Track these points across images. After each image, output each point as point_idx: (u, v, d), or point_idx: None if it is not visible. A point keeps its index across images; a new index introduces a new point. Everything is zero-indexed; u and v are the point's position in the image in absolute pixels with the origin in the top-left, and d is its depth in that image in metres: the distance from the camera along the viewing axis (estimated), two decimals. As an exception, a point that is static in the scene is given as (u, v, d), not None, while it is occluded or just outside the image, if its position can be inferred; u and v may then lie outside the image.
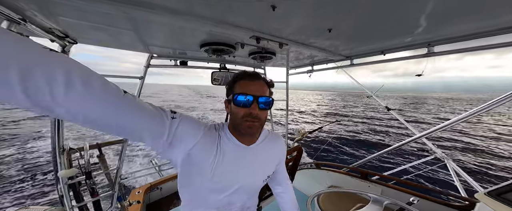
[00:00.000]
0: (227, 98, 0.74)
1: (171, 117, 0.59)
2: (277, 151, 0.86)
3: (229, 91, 0.72)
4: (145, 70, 1.86)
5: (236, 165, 0.71)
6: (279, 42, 1.35)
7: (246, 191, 0.77)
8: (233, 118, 0.70)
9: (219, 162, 0.67)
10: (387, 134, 13.74)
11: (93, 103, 0.42)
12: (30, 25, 0.94)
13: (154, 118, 0.54)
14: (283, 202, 0.95)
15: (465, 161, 8.57)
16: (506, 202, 1.02)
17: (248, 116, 0.65)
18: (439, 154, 2.66)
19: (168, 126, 0.57)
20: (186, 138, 0.61)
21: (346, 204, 1.56)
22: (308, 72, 2.79)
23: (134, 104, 0.49)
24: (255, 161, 0.76)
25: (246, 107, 0.65)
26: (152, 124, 0.54)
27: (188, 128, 0.62)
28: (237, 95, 0.66)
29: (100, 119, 0.44)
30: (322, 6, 0.87)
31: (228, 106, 0.73)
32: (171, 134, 0.57)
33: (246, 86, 0.68)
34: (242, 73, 0.72)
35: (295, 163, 1.67)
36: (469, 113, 1.81)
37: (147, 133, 0.54)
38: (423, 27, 1.13)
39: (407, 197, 1.18)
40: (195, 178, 0.68)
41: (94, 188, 1.64)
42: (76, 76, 0.39)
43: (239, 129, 0.68)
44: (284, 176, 0.97)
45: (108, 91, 0.44)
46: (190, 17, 0.95)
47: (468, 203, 1.49)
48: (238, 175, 0.72)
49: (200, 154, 0.65)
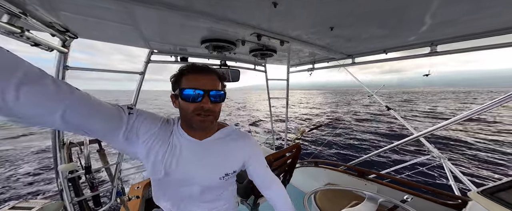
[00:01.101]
0: (173, 93, 0.70)
1: (128, 112, 0.60)
2: (239, 149, 0.80)
3: (175, 85, 0.68)
4: (146, 66, 1.86)
5: (187, 159, 0.70)
6: (280, 40, 1.35)
7: (202, 186, 0.75)
8: (183, 113, 0.68)
9: (170, 155, 0.68)
10: (386, 134, 13.85)
11: (45, 103, 0.42)
12: (30, 19, 0.93)
13: (110, 113, 0.55)
14: (275, 202, 0.88)
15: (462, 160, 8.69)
16: (497, 200, 1.04)
17: (199, 110, 0.64)
18: (436, 153, 2.69)
19: (125, 121, 0.58)
20: (141, 131, 0.63)
21: (342, 202, 1.59)
22: (309, 70, 2.79)
23: (88, 102, 0.50)
24: (208, 156, 0.73)
25: (195, 102, 0.63)
26: (109, 120, 0.55)
27: (144, 122, 0.63)
28: (184, 90, 0.63)
29: (54, 119, 0.44)
30: (324, 3, 0.86)
31: (175, 100, 0.70)
32: (127, 128, 0.59)
33: (195, 80, 0.65)
34: (190, 66, 0.68)
35: (294, 160, 1.69)
36: (468, 113, 1.82)
37: (105, 128, 0.54)
38: (427, 26, 1.13)
39: (402, 195, 1.21)
40: (153, 171, 0.68)
41: (94, 182, 1.66)
42: (26, 78, 0.38)
43: (191, 123, 0.67)
44: (268, 177, 0.88)
45: (60, 89, 0.44)
46: (191, 13, 0.94)
47: (460, 202, 1.52)
48: (190, 169, 0.71)
49: (154, 147, 0.66)
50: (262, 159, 0.88)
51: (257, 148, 0.86)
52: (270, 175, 0.90)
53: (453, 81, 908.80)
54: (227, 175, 0.76)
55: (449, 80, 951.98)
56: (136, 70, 1.82)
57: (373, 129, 14.98)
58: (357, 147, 10.60)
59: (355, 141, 11.70)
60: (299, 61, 2.59)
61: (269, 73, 3.01)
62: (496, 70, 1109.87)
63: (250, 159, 0.82)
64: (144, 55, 1.82)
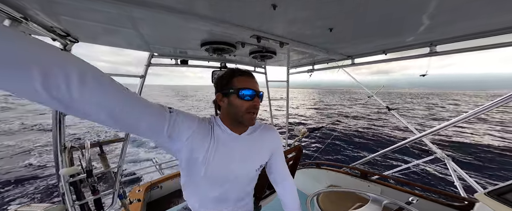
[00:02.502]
0: (222, 92, 0.76)
1: (169, 111, 0.64)
2: (269, 141, 0.89)
3: (226, 86, 0.75)
4: (146, 69, 1.87)
5: (229, 152, 0.76)
6: (280, 42, 1.35)
7: (242, 179, 0.81)
8: (233, 111, 0.74)
9: (213, 148, 0.73)
10: (387, 135, 13.73)
11: (105, 99, 0.45)
12: (31, 24, 0.94)
13: (155, 112, 0.58)
14: (285, 200, 0.94)
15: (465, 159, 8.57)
16: (506, 202, 1.02)
17: (252, 108, 0.73)
18: (440, 154, 2.66)
19: (167, 119, 0.62)
20: (183, 129, 0.66)
21: (346, 204, 1.57)
22: (309, 72, 2.78)
23: (137, 101, 0.53)
24: (247, 149, 0.80)
25: (250, 101, 0.72)
26: (155, 119, 0.58)
27: (184, 120, 0.67)
28: (243, 90, 0.72)
29: (113, 114, 0.47)
30: (323, 5, 0.86)
31: (223, 99, 0.76)
32: (170, 126, 0.62)
33: (247, 82, 0.74)
34: (239, 70, 0.78)
35: (295, 162, 1.67)
36: (469, 114, 1.80)
37: (150, 127, 0.58)
38: (425, 26, 1.12)
39: (407, 197, 1.19)
40: (193, 166, 0.73)
41: (95, 186, 1.65)
42: (88, 74, 0.42)
43: (242, 120, 0.74)
44: (285, 172, 0.96)
45: (116, 88, 0.48)
46: (191, 16, 0.95)
47: (467, 203, 1.49)
48: (233, 162, 0.77)
49: (197, 142, 0.70)
50: (282, 152, 0.96)
51: (281, 140, 0.96)
52: (286, 169, 0.98)
53: (434, 83, 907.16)
54: (261, 166, 0.85)
55: (432, 82, 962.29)
56: (137, 73, 1.83)
57: (375, 129, 14.88)
58: (358, 148, 10.51)
59: (356, 142, 11.62)
60: (299, 62, 2.58)
61: (269, 74, 3.01)
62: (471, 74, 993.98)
63: (275, 150, 0.91)
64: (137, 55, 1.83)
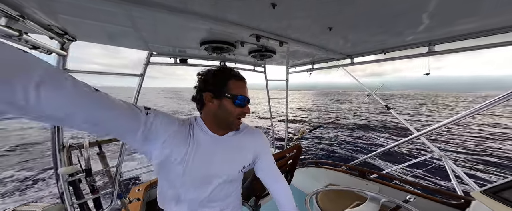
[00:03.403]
0: (213, 93, 0.72)
1: (145, 112, 0.61)
2: (252, 142, 0.87)
3: (219, 88, 0.71)
4: (145, 68, 1.86)
5: (210, 153, 0.74)
6: (279, 41, 1.34)
7: (223, 180, 0.78)
8: (222, 115, 0.72)
9: (193, 151, 0.70)
10: (385, 133, 13.81)
11: (66, 104, 0.42)
12: (28, 22, 0.93)
13: (129, 113, 0.56)
14: (279, 199, 0.91)
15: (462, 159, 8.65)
16: (501, 200, 1.03)
17: (242, 114, 0.73)
18: (437, 152, 2.68)
19: (143, 121, 0.59)
20: (161, 131, 0.64)
21: (344, 202, 1.58)
22: (308, 71, 2.79)
23: (107, 102, 0.51)
24: (228, 150, 0.78)
25: (241, 107, 0.72)
26: (127, 120, 0.56)
27: (162, 122, 0.64)
28: (239, 97, 0.70)
29: (74, 118, 0.45)
30: (322, 4, 0.86)
31: (213, 100, 0.72)
32: (146, 128, 0.60)
33: (243, 88, 0.73)
34: (234, 73, 0.74)
35: (294, 161, 1.68)
36: (467, 112, 1.82)
37: (123, 128, 0.56)
38: (424, 25, 1.12)
39: (404, 195, 1.20)
40: (171, 169, 0.70)
41: (94, 185, 1.65)
42: (46, 78, 0.39)
43: (231, 125, 0.75)
44: (275, 173, 0.93)
45: (79, 91, 0.45)
46: (190, 15, 0.94)
47: (463, 201, 1.51)
48: (213, 164, 0.74)
49: (175, 145, 0.67)
50: (270, 154, 0.94)
51: (267, 142, 0.93)
52: (277, 170, 0.95)
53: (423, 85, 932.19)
54: (244, 167, 0.84)
55: (420, 83, 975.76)
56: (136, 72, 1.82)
57: (374, 128, 14.95)
58: (357, 147, 10.57)
59: (355, 141, 11.67)
60: (298, 61, 2.59)
61: (268, 74, 3.01)
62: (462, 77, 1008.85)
63: (261, 152, 0.90)
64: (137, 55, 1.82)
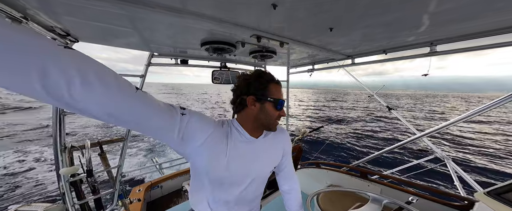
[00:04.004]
0: (255, 96, 0.73)
1: (181, 113, 0.60)
2: (281, 142, 0.91)
3: (262, 92, 0.73)
4: (146, 69, 1.87)
5: (248, 156, 0.76)
6: (280, 41, 1.34)
7: (257, 181, 0.82)
8: (264, 117, 0.75)
9: (232, 153, 0.71)
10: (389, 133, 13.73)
11: (109, 100, 0.43)
12: (31, 23, 0.94)
13: (165, 114, 0.56)
14: (289, 199, 0.98)
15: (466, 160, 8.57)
16: (505, 201, 1.02)
17: (280, 117, 0.77)
18: (439, 153, 2.66)
19: (179, 121, 0.59)
20: (197, 132, 0.64)
21: (346, 203, 1.57)
22: (309, 71, 2.78)
23: (146, 101, 0.51)
24: (263, 152, 0.81)
25: (281, 110, 0.77)
26: (163, 120, 0.56)
27: (198, 123, 0.64)
28: (279, 101, 0.74)
29: (116, 114, 0.45)
30: (323, 5, 0.86)
31: (255, 103, 0.74)
32: (181, 129, 0.59)
33: (281, 92, 0.78)
34: (273, 77, 0.78)
35: (295, 162, 1.67)
36: (470, 113, 1.80)
37: (159, 128, 0.56)
38: (426, 26, 1.12)
39: (406, 196, 1.19)
40: (210, 171, 0.70)
41: (96, 185, 1.66)
42: (91, 73, 0.40)
43: (271, 126, 0.78)
44: (292, 172, 0.99)
45: (122, 88, 0.45)
46: (191, 15, 0.95)
47: (467, 203, 1.49)
48: (251, 165, 0.77)
49: (213, 147, 0.68)
50: (291, 152, 0.99)
51: (290, 140, 0.98)
52: (293, 168, 1.01)
53: (423, 85, 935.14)
54: (275, 167, 0.89)
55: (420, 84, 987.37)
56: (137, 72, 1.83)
57: (375, 129, 14.87)
58: (359, 148, 10.51)
59: (357, 142, 11.62)
60: (299, 62, 2.58)
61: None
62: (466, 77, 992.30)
63: (286, 151, 0.94)
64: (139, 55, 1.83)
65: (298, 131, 3.28)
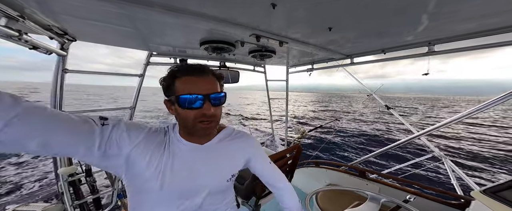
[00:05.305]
0: (167, 99, 0.63)
1: (101, 123, 0.53)
2: (240, 148, 0.78)
3: (169, 90, 0.61)
4: (145, 68, 1.86)
5: (191, 165, 0.65)
6: (279, 41, 1.34)
7: (212, 193, 0.69)
8: (182, 121, 0.62)
9: (169, 163, 0.61)
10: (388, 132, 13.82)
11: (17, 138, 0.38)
12: (28, 22, 0.93)
13: (80, 127, 0.49)
14: (281, 200, 0.89)
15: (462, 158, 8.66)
16: (501, 200, 1.03)
17: (201, 117, 0.59)
18: (437, 152, 2.68)
19: (99, 133, 0.51)
20: (123, 142, 0.55)
21: (344, 202, 1.58)
22: (308, 71, 2.79)
23: (42, 114, 0.44)
24: (213, 159, 0.69)
25: (198, 108, 0.58)
26: (79, 135, 0.48)
27: (124, 132, 0.56)
28: (181, 96, 0.57)
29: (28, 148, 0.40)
30: (322, 4, 0.86)
31: (170, 107, 0.63)
32: (103, 141, 0.52)
33: (192, 84, 0.58)
34: (183, 67, 0.60)
35: (294, 161, 1.68)
36: (467, 112, 1.82)
37: (75, 144, 0.48)
38: (424, 26, 1.12)
39: (404, 195, 1.20)
40: (144, 182, 0.60)
41: (94, 185, 1.65)
42: None
43: (193, 131, 0.63)
44: (275, 175, 0.88)
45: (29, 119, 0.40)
46: (190, 15, 0.94)
47: (463, 201, 1.51)
48: (196, 177, 0.65)
49: (143, 158, 0.58)
50: (264, 155, 0.87)
51: (258, 144, 0.85)
52: (276, 170, 0.89)
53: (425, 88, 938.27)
54: (233, 176, 0.75)
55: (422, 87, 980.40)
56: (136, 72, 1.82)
57: (373, 129, 14.96)
58: (357, 147, 10.58)
59: (356, 141, 11.68)
60: (298, 61, 2.59)
61: (268, 74, 3.01)
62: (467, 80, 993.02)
63: (253, 157, 0.81)
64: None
65: (297, 131, 3.29)
